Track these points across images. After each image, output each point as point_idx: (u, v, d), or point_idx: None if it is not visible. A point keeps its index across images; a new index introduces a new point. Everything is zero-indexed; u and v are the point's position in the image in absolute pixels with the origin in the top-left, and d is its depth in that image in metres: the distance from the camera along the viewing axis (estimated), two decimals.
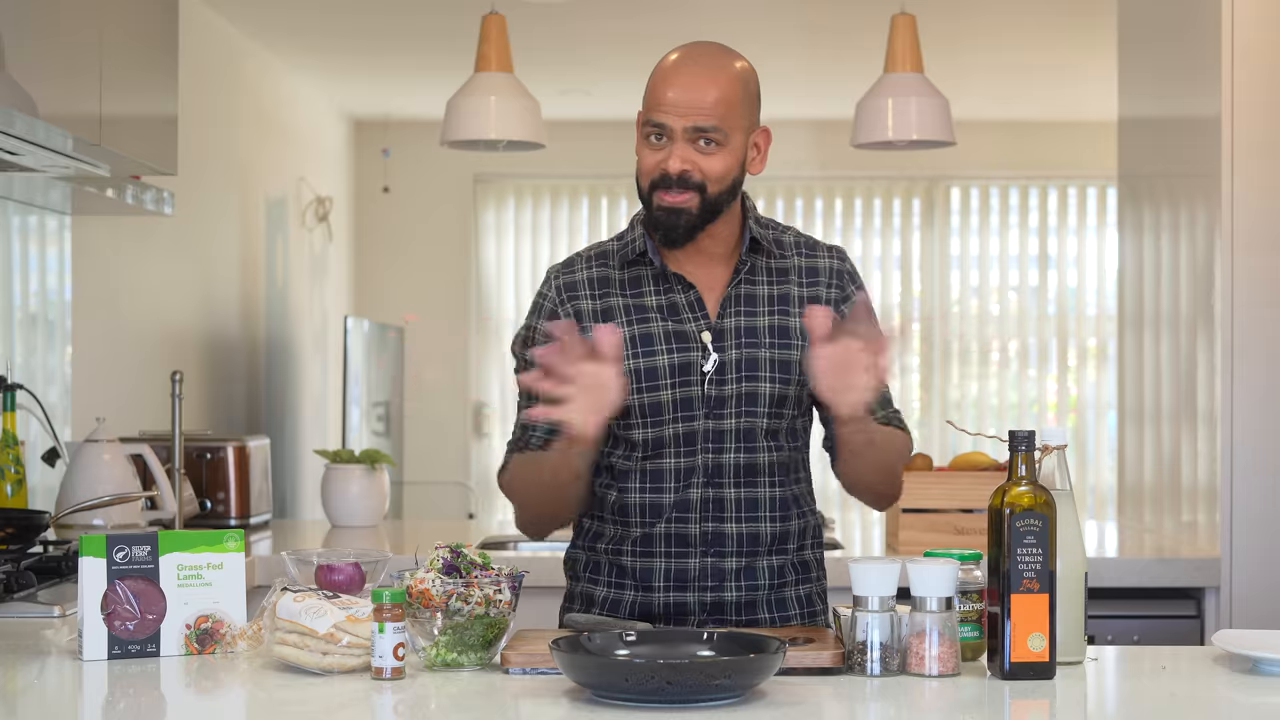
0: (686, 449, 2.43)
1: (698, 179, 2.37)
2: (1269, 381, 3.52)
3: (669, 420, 2.42)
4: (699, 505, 2.43)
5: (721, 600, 2.44)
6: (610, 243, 2.55)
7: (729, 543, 2.44)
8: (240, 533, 2.30)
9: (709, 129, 2.36)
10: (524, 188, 7.99)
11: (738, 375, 2.42)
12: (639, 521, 2.45)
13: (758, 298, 2.46)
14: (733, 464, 2.43)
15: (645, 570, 2.45)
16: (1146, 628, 3.52)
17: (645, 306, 2.46)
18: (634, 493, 2.45)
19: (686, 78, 2.38)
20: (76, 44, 3.01)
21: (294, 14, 5.68)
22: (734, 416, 2.42)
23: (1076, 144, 7.59)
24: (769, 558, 2.46)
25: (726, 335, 2.43)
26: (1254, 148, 3.51)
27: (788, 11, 5.58)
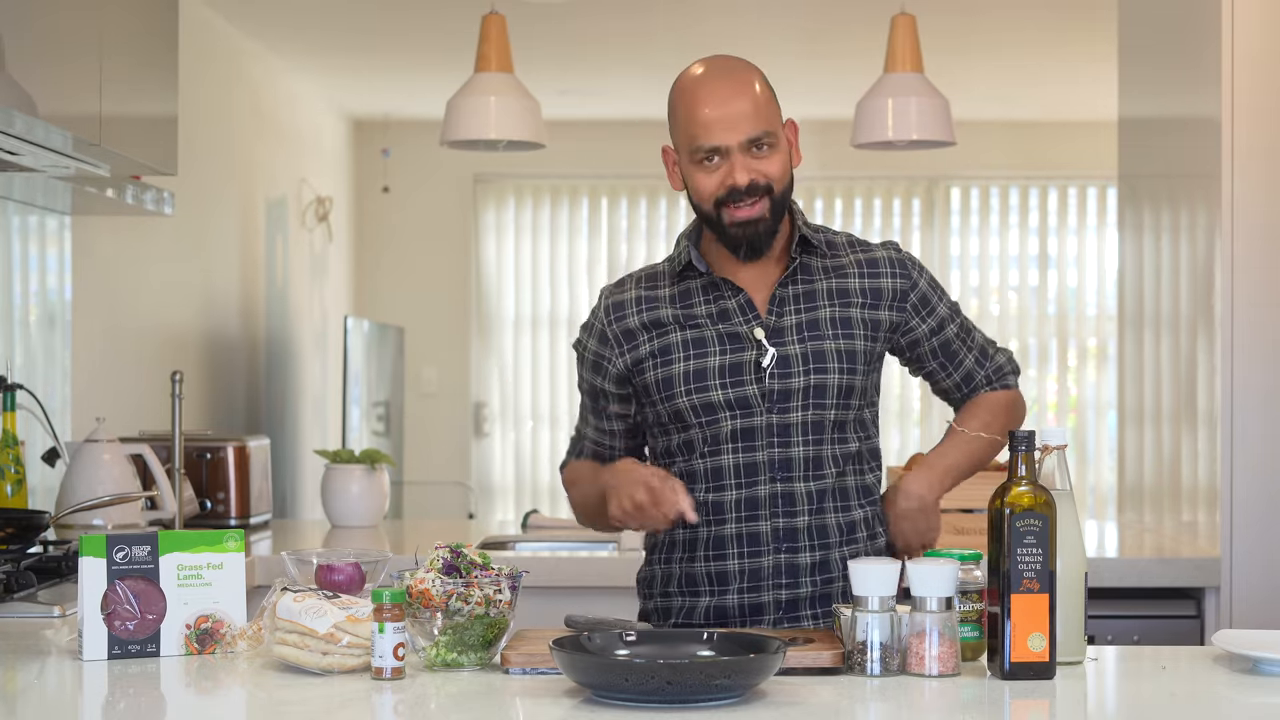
0: (745, 445, 2.44)
1: (764, 183, 2.41)
2: (1269, 381, 3.52)
3: (724, 418, 2.43)
4: (767, 502, 2.44)
5: (796, 596, 2.45)
6: (660, 265, 2.58)
7: (801, 537, 2.45)
8: (240, 533, 2.30)
9: (760, 136, 2.40)
10: (524, 188, 7.99)
11: (804, 368, 2.44)
12: (708, 521, 2.46)
13: (817, 293, 2.48)
14: (800, 457, 2.45)
15: (720, 574, 2.46)
16: (1146, 628, 3.52)
17: (695, 315, 2.48)
18: (699, 493, 2.46)
19: (719, 94, 2.41)
20: (76, 44, 3.01)
21: (294, 14, 5.68)
22: (801, 409, 2.44)
23: (1076, 144, 7.59)
24: (842, 549, 2.47)
25: (787, 331, 2.45)
26: (1254, 148, 3.51)
27: (788, 12, 5.58)
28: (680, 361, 2.45)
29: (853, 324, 2.48)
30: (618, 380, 2.53)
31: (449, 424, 7.99)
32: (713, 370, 2.44)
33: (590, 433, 2.61)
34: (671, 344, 2.47)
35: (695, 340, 2.46)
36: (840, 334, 2.47)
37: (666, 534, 2.52)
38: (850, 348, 2.47)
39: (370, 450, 4.30)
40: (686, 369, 2.45)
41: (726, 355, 2.45)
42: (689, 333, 2.47)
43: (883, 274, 2.52)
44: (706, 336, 2.46)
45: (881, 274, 2.52)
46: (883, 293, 2.50)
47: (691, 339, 2.46)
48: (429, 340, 7.94)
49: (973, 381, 2.60)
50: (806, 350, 2.45)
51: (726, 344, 2.45)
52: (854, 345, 2.47)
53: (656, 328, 2.48)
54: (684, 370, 2.45)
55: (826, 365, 2.45)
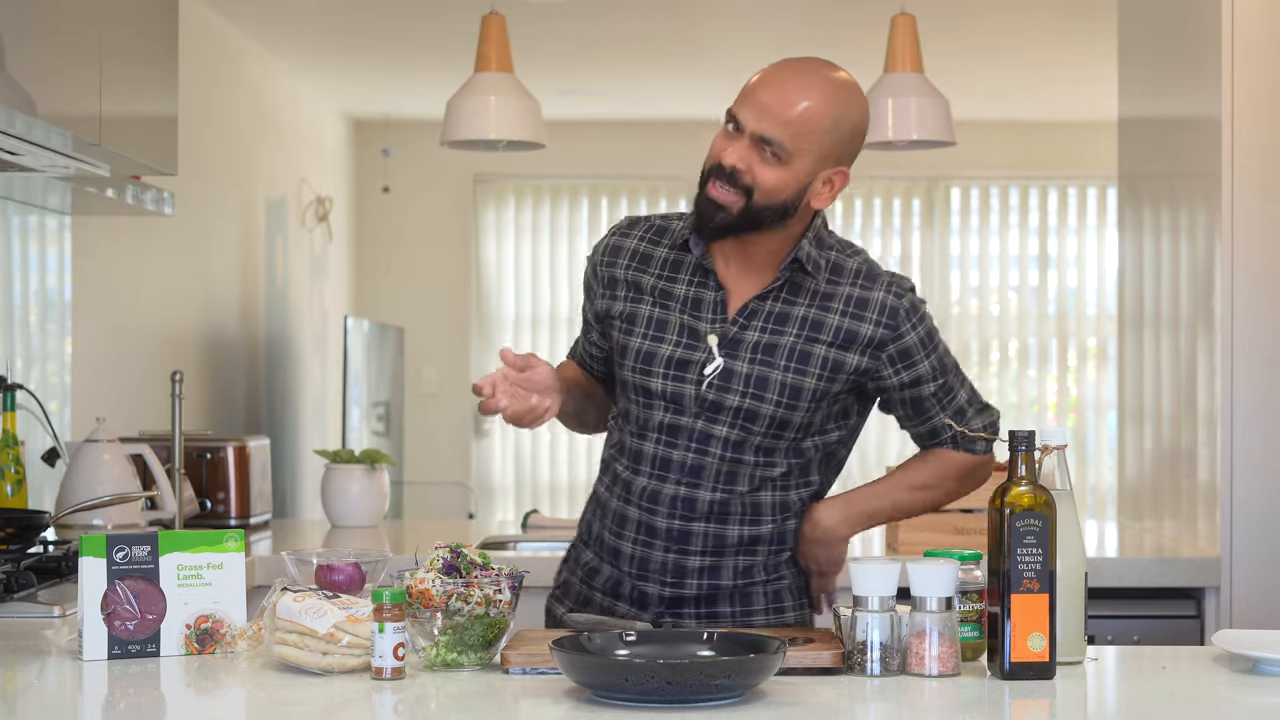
0: (668, 439, 2.43)
1: (746, 182, 2.34)
2: (1269, 381, 3.52)
3: (658, 408, 2.43)
4: (668, 501, 2.43)
5: (681, 595, 2.45)
6: (676, 220, 2.53)
7: (694, 541, 2.44)
8: (240, 533, 2.30)
9: (774, 142, 2.33)
10: (524, 188, 7.99)
11: (743, 390, 2.40)
12: (620, 495, 2.48)
13: (790, 318, 2.42)
14: (714, 469, 2.42)
15: (615, 550, 2.49)
16: (1146, 628, 3.52)
17: (671, 293, 2.46)
18: (621, 467, 2.49)
19: (781, 87, 2.36)
20: (76, 44, 3.01)
21: (294, 14, 5.68)
22: (729, 426, 2.41)
23: (1076, 144, 7.59)
24: (736, 558, 2.46)
25: (742, 347, 2.41)
26: (1254, 148, 3.51)
27: (787, 11, 5.58)
28: (638, 337, 2.45)
29: (811, 360, 2.40)
30: (596, 315, 2.56)
31: (449, 424, 7.99)
32: (661, 358, 2.43)
33: (581, 342, 2.65)
34: (639, 315, 2.47)
35: (659, 321, 2.45)
36: (793, 367, 2.40)
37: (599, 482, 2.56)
38: (798, 384, 2.40)
39: (370, 450, 4.30)
40: (640, 346, 2.45)
41: (679, 348, 2.43)
42: (657, 310, 2.46)
43: (867, 318, 2.41)
44: (670, 321, 2.45)
45: (865, 318, 2.41)
46: (858, 337, 2.41)
47: (657, 318, 2.45)
48: (429, 340, 7.94)
49: (937, 438, 2.51)
50: (753, 373, 2.40)
51: (684, 336, 2.44)
52: (803, 382, 2.40)
53: (635, 289, 2.48)
54: (638, 347, 2.45)
55: (766, 394, 2.39)
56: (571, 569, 2.58)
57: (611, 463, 2.52)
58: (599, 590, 2.51)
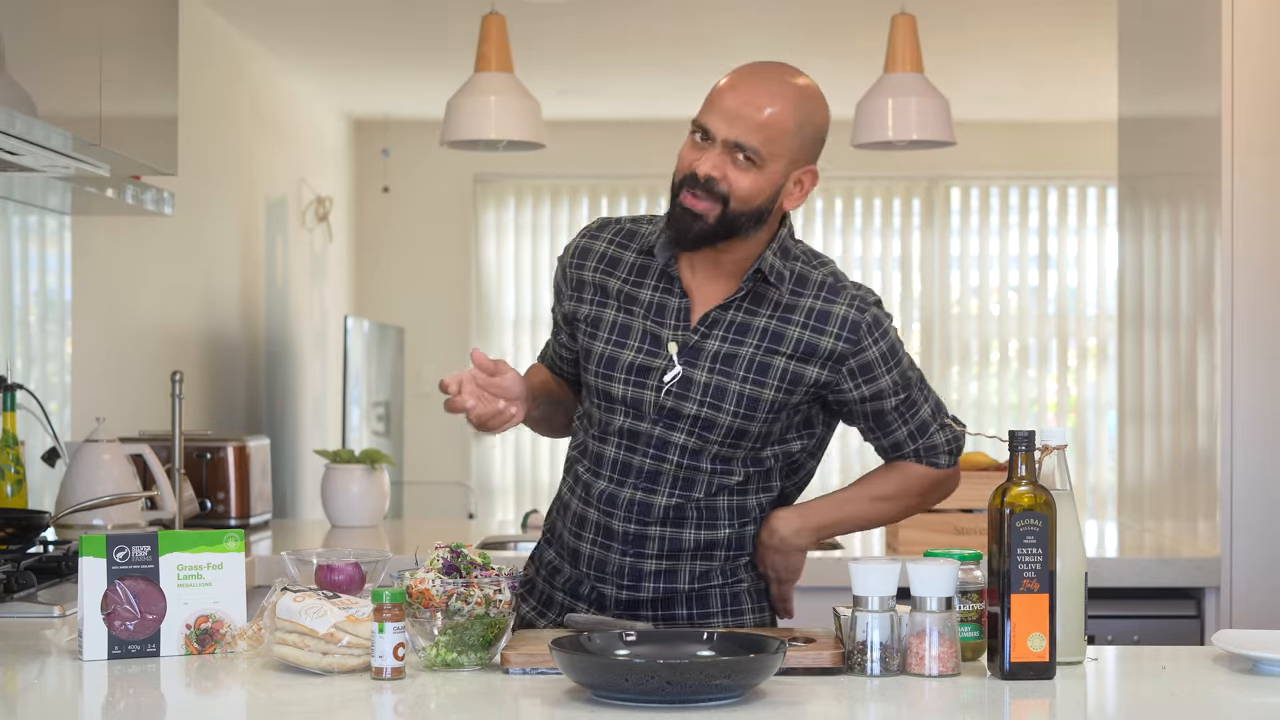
0: (629, 445, 2.44)
1: (722, 189, 2.34)
2: (1269, 381, 3.52)
3: (619, 412, 2.44)
4: (625, 504, 2.43)
5: (637, 598, 2.46)
6: (645, 225, 2.53)
7: (650, 545, 2.44)
8: (240, 533, 2.30)
9: (747, 147, 2.33)
10: (524, 188, 7.99)
11: (701, 398, 2.39)
12: (581, 497, 2.49)
13: (751, 328, 2.41)
14: (671, 475, 2.43)
15: (574, 551, 2.49)
16: (1146, 628, 3.52)
17: (636, 298, 2.46)
18: (582, 468, 2.50)
19: (747, 92, 2.35)
20: (76, 44, 3.01)
21: (294, 14, 5.68)
22: (686, 434, 2.41)
23: (1076, 144, 7.59)
24: (692, 563, 2.46)
25: (702, 356, 2.41)
26: (1254, 147, 3.51)
27: (787, 11, 5.58)
28: (602, 342, 2.46)
29: (769, 372, 2.39)
30: (563, 316, 2.56)
31: (449, 424, 7.98)
32: (623, 363, 2.44)
33: (552, 345, 2.66)
34: (604, 319, 2.47)
35: (623, 326, 2.45)
36: (752, 378, 2.39)
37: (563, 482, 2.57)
38: (756, 395, 2.39)
39: (370, 450, 4.30)
40: (604, 351, 2.45)
41: (641, 354, 2.43)
42: (621, 315, 2.46)
43: (827, 332, 2.40)
44: (634, 327, 2.45)
45: (826, 331, 2.40)
46: (818, 350, 2.40)
47: (620, 323, 2.46)
48: (429, 340, 7.93)
49: (900, 450, 2.51)
50: (711, 382, 2.39)
51: (646, 342, 2.43)
52: (761, 393, 2.39)
53: (601, 293, 2.49)
54: (601, 351, 2.45)
55: (723, 405, 2.39)
56: (536, 567, 2.58)
57: (574, 464, 2.53)
58: (560, 590, 2.52)
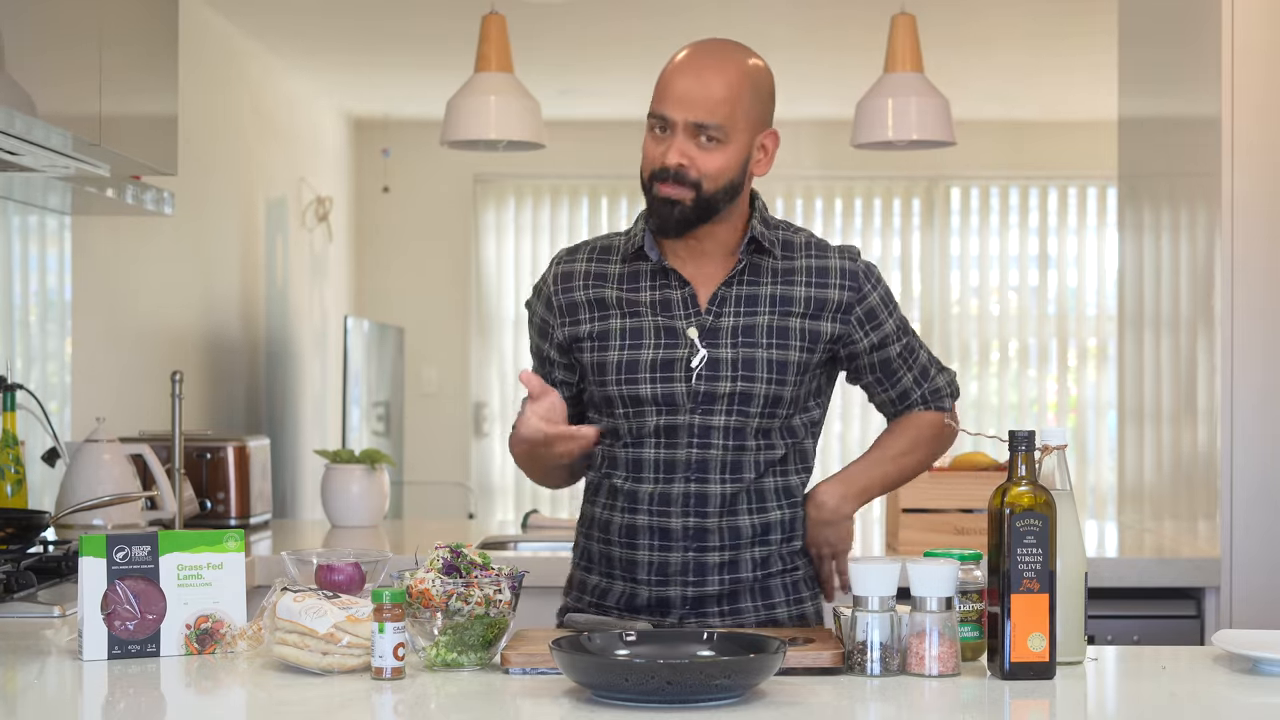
0: (668, 441, 2.44)
1: (694, 176, 2.38)
2: (1269, 381, 3.52)
3: (650, 412, 2.44)
4: (680, 499, 2.44)
5: (703, 594, 2.46)
6: (616, 237, 2.57)
7: (711, 537, 2.45)
8: (240, 533, 2.30)
9: (709, 126, 2.37)
10: (524, 188, 7.99)
11: (733, 374, 2.42)
12: (624, 508, 2.47)
13: (759, 298, 2.45)
14: (719, 460, 2.44)
15: (630, 562, 2.48)
16: (1146, 628, 3.52)
17: (638, 301, 2.48)
18: (619, 480, 2.48)
19: (693, 73, 2.38)
20: (76, 44, 3.01)
21: (294, 14, 5.68)
22: (725, 414, 2.43)
23: (1076, 144, 7.58)
24: (753, 549, 2.47)
25: (722, 334, 2.44)
26: (1254, 148, 3.51)
27: (787, 11, 5.58)
28: (615, 350, 2.46)
29: (790, 334, 2.45)
30: (560, 348, 2.54)
31: (449, 424, 7.99)
32: (645, 363, 2.44)
33: None
34: (611, 329, 2.47)
35: (633, 329, 2.46)
36: (775, 343, 2.44)
37: (590, 505, 2.55)
38: (783, 358, 2.44)
39: (370, 450, 4.30)
40: (620, 358, 2.45)
41: (660, 350, 2.44)
42: (629, 320, 2.47)
43: (831, 284, 2.47)
44: (644, 327, 2.46)
45: (830, 284, 2.47)
46: (827, 303, 2.47)
47: (630, 327, 2.46)
48: (429, 340, 7.94)
49: (908, 399, 2.59)
50: (738, 356, 2.43)
51: (662, 338, 2.45)
52: (787, 356, 2.44)
53: (600, 308, 2.49)
54: (618, 359, 2.45)
55: (755, 374, 2.43)
56: (577, 598, 2.56)
57: (604, 481, 2.51)
58: (614, 608, 2.50)
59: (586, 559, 2.55)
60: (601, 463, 2.51)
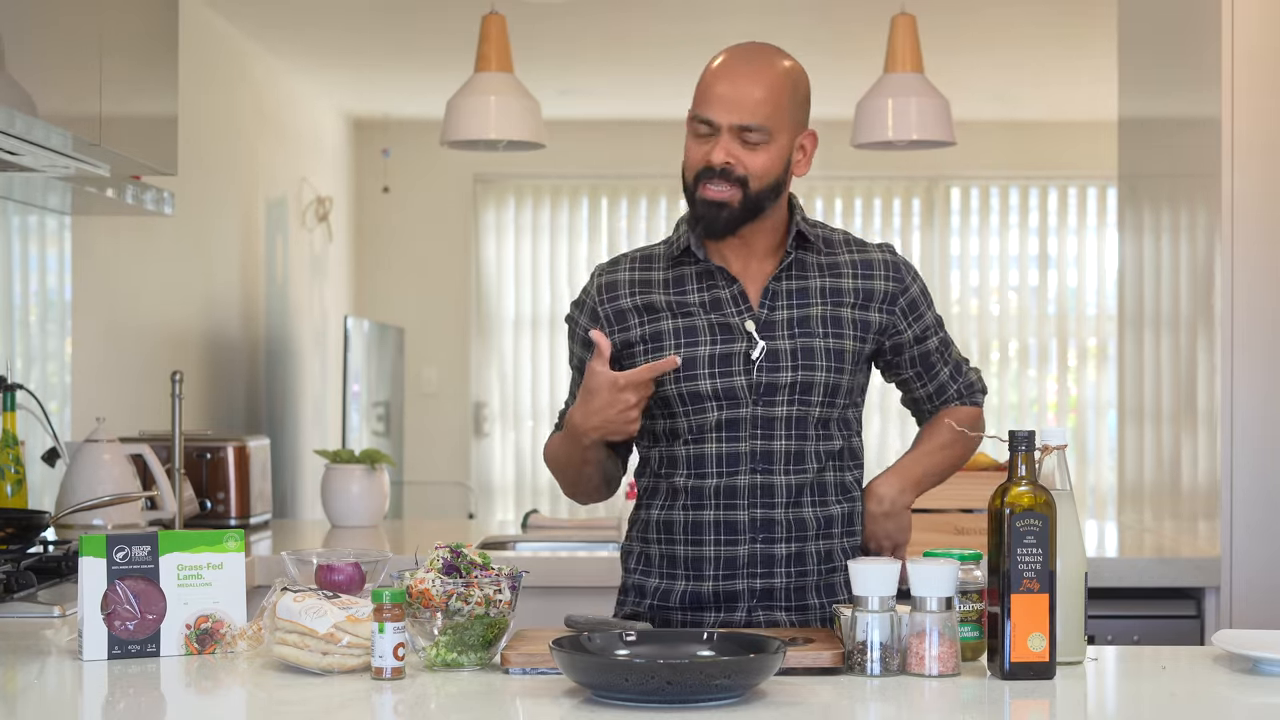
0: (730, 435, 2.45)
1: (740, 173, 2.41)
2: (1269, 381, 3.52)
3: (711, 408, 2.45)
4: (746, 492, 2.46)
5: (771, 586, 2.47)
6: (657, 246, 2.59)
7: (778, 529, 2.46)
8: (240, 533, 2.30)
9: (754, 128, 2.40)
10: (524, 188, 7.99)
11: (793, 364, 2.45)
12: (687, 505, 2.48)
13: (810, 290, 2.50)
14: (782, 451, 2.46)
15: (696, 559, 2.48)
16: (1146, 628, 3.52)
17: (688, 302, 2.49)
18: (681, 478, 2.48)
19: (736, 76, 2.42)
20: (76, 44, 3.01)
21: (294, 14, 5.68)
22: (786, 404, 2.45)
23: (1076, 144, 7.59)
24: (817, 542, 2.49)
25: (778, 326, 2.46)
26: (1254, 148, 3.51)
27: (788, 12, 5.58)
28: (671, 349, 2.47)
29: (843, 323, 2.49)
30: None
31: (449, 424, 7.99)
32: (703, 359, 2.45)
33: None
34: (663, 330, 2.48)
35: (687, 329, 2.47)
36: (830, 332, 2.48)
37: (646, 510, 2.54)
38: (839, 347, 2.48)
39: (370, 450, 4.30)
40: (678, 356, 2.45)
41: (717, 345, 2.46)
42: (680, 320, 2.48)
43: (876, 275, 2.53)
44: (698, 325, 2.47)
45: (875, 275, 2.53)
46: (874, 294, 2.52)
47: (683, 327, 2.48)
48: (429, 340, 7.94)
49: (945, 394, 2.62)
50: (796, 346, 2.46)
51: (717, 334, 2.46)
52: (843, 345, 2.48)
53: (649, 312, 2.50)
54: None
55: (815, 363, 2.46)
56: (636, 602, 2.55)
57: (663, 481, 2.51)
58: (676, 608, 2.50)
59: (644, 563, 2.54)
60: (659, 465, 2.52)
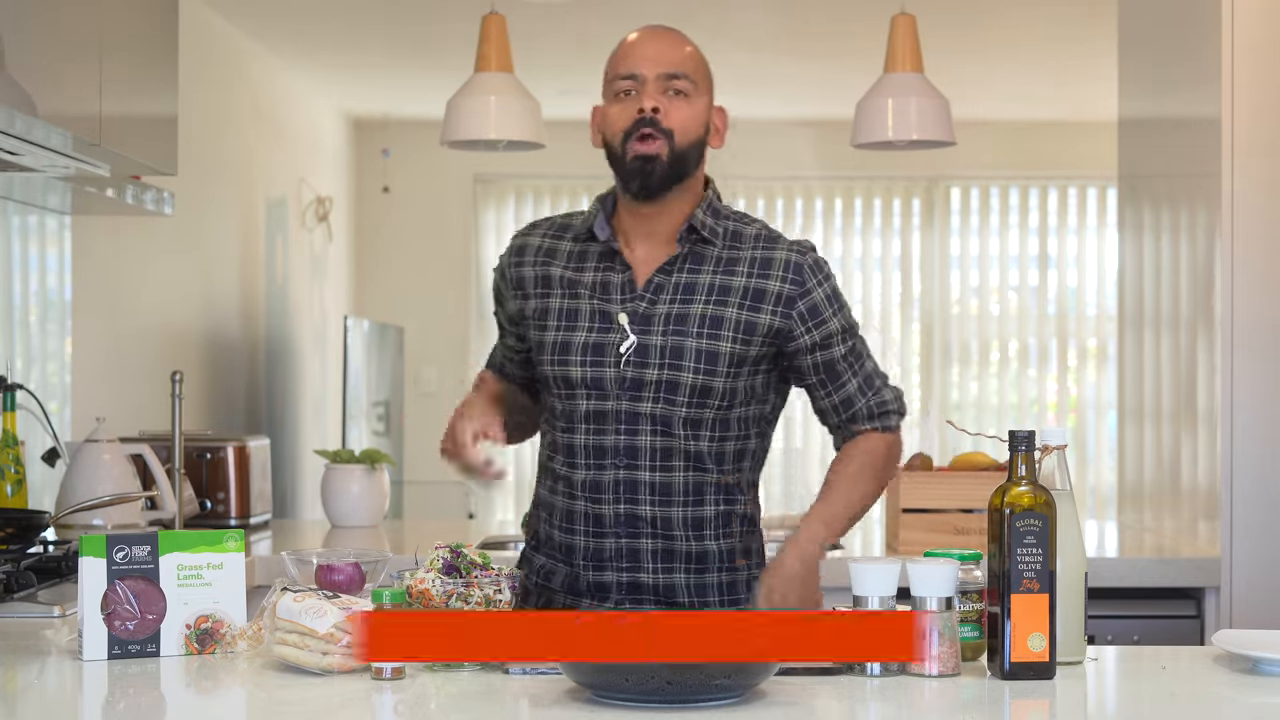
0: (597, 427, 2.46)
1: (666, 126, 2.44)
2: (1269, 381, 3.52)
3: (581, 396, 2.46)
4: (611, 486, 2.46)
5: (638, 581, 2.47)
6: (577, 215, 2.60)
7: (643, 525, 2.46)
8: (240, 533, 2.30)
9: (680, 75, 2.45)
10: (524, 188, 7.99)
11: (660, 361, 2.44)
12: (564, 493, 2.51)
13: (697, 286, 2.47)
14: (648, 447, 2.45)
15: (568, 546, 2.51)
16: (1146, 628, 3.52)
17: (580, 282, 2.51)
18: (559, 465, 2.51)
19: (655, 39, 2.50)
20: (76, 44, 3.01)
21: (294, 14, 5.68)
22: (651, 401, 2.45)
23: (1076, 144, 7.58)
24: (687, 542, 2.48)
25: (654, 320, 2.46)
26: (1254, 148, 3.51)
27: (787, 12, 5.58)
28: (553, 330, 2.49)
29: (723, 324, 2.45)
30: (510, 319, 2.61)
31: None
32: (577, 346, 2.47)
33: (499, 349, 2.70)
34: (551, 309, 2.51)
35: (570, 311, 2.49)
36: (706, 333, 2.45)
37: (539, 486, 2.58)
38: (713, 349, 2.45)
39: (370, 450, 4.30)
40: (555, 339, 2.48)
41: (593, 333, 2.47)
42: (568, 301, 2.50)
43: (772, 276, 2.48)
44: (581, 309, 2.49)
45: (771, 276, 2.48)
46: (766, 295, 2.47)
47: (567, 308, 2.50)
48: (429, 340, 7.93)
49: (852, 407, 2.54)
50: (667, 344, 2.45)
51: (596, 321, 2.47)
52: (718, 347, 2.45)
53: (544, 285, 2.53)
54: (553, 340, 2.49)
55: (683, 363, 2.44)
56: (528, 574, 2.59)
57: (548, 463, 2.55)
58: (559, 591, 2.53)
59: (535, 539, 2.59)
60: (549, 446, 2.55)
